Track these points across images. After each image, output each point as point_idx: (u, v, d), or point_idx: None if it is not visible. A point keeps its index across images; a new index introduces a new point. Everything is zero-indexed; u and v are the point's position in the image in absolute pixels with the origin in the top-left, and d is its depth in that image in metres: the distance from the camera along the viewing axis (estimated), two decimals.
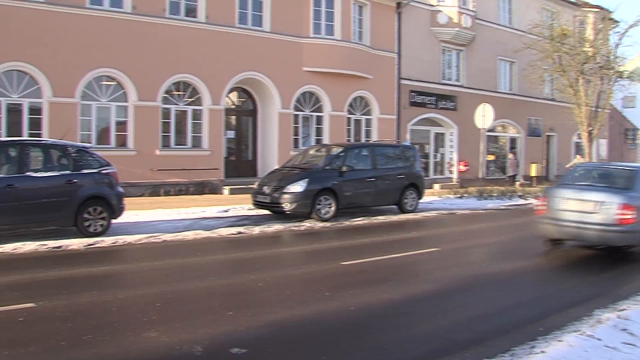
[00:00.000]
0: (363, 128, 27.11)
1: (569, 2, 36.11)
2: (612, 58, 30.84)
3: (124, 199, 13.13)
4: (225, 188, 21.54)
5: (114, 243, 11.66)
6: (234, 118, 24.04)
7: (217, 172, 21.70)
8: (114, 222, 12.88)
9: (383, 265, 10.38)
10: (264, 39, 22.88)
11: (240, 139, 24.31)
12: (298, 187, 15.54)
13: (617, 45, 30.90)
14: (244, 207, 17.26)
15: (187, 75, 21.02)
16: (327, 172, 16.25)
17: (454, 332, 6.69)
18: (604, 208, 10.97)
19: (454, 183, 29.54)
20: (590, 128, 30.25)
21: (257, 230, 13.80)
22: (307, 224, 15.10)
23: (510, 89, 34.09)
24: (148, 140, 20.10)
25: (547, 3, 35.29)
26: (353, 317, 7.11)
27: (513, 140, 34.85)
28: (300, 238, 13.70)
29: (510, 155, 32.09)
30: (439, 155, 30.83)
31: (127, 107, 19.89)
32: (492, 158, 33.39)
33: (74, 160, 12.27)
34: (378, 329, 6.71)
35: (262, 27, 23.00)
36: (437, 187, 27.98)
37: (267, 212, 16.50)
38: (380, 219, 16.54)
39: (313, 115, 25.15)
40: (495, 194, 24.21)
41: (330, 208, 15.87)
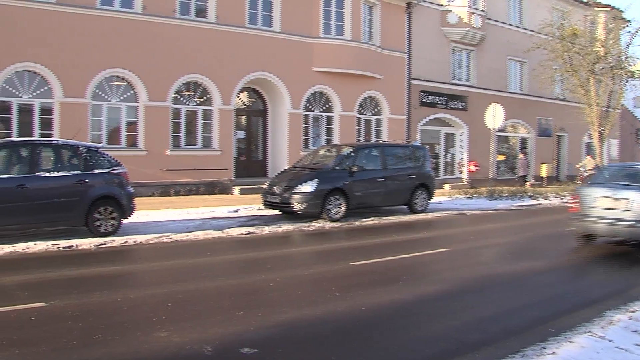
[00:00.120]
0: (373, 128, 27.09)
1: (580, 1, 35.97)
2: (623, 58, 30.67)
3: (135, 199, 13.16)
4: (236, 188, 21.57)
5: (125, 243, 11.68)
6: (244, 118, 24.06)
7: (227, 172, 21.73)
8: (125, 222, 12.90)
9: (393, 266, 10.35)
10: (274, 39, 22.90)
11: (251, 139, 24.32)
12: (308, 187, 15.53)
13: (628, 45, 30.79)
14: (254, 207, 17.27)
15: (197, 76, 21.06)
16: (337, 172, 16.22)
17: (465, 332, 6.66)
18: (635, 205, 11.46)
19: (464, 183, 29.46)
20: (601, 128, 30.11)
21: (267, 231, 13.80)
22: (317, 224, 15.08)
23: (521, 89, 33.97)
24: (158, 141, 20.15)
25: (557, 2, 35.16)
26: (363, 317, 7.09)
27: (523, 141, 34.71)
28: (311, 238, 13.69)
29: (521, 156, 31.94)
30: (449, 156, 30.76)
31: (137, 107, 19.95)
32: (502, 158, 33.29)
33: (85, 160, 12.31)
34: (388, 330, 6.69)
35: (272, 27, 23.01)
36: (447, 187, 27.93)
37: (277, 212, 16.51)
38: (391, 219, 16.50)
39: (323, 116, 25.15)
40: (506, 195, 24.12)
41: (341, 208, 15.85)
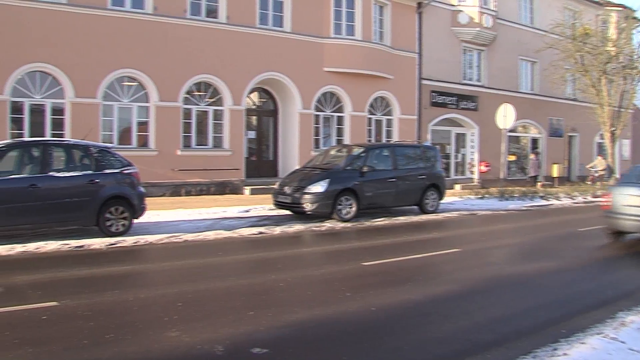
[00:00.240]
0: (384, 128, 27.07)
1: (592, 1, 35.81)
2: (635, 57, 30.59)
3: (146, 199, 13.19)
4: (246, 188, 21.60)
5: (136, 243, 11.71)
6: (255, 118, 24.09)
7: (238, 172, 21.77)
8: (136, 222, 12.93)
9: (404, 266, 10.33)
10: (285, 40, 22.92)
11: (261, 139, 24.35)
12: (319, 187, 15.52)
13: None
14: (265, 207, 17.28)
15: (208, 76, 21.10)
16: (348, 172, 16.20)
17: (476, 333, 6.64)
18: None
19: (475, 184, 29.40)
20: (613, 128, 30.00)
21: (278, 231, 13.81)
22: (328, 225, 15.08)
23: (532, 89, 33.87)
24: (169, 141, 20.21)
25: (569, 2, 35.01)
26: (374, 317, 7.08)
27: (534, 141, 34.60)
28: (321, 238, 13.67)
29: (532, 156, 31.84)
30: (460, 156, 30.71)
31: (148, 107, 20.02)
32: (513, 158, 33.21)
33: (96, 160, 12.34)
34: (399, 330, 6.68)
35: (282, 27, 23.03)
36: (458, 187, 27.88)
37: (288, 212, 16.51)
38: (401, 220, 16.48)
39: (334, 116, 25.14)
40: (517, 195, 24.01)
41: (351, 208, 15.83)
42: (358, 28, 24.74)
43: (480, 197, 23.38)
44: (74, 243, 11.27)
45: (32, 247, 10.81)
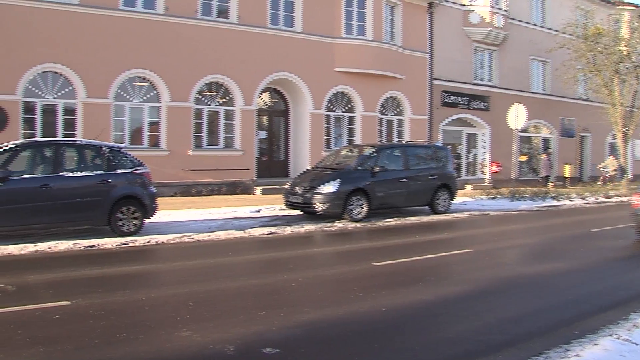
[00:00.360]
0: (395, 128, 27.03)
1: (604, 0, 35.62)
2: None
3: (157, 199, 13.21)
4: (257, 188, 21.61)
5: (147, 242, 11.75)
6: (266, 118, 24.11)
7: (249, 172, 21.79)
8: (147, 221, 12.97)
9: (415, 266, 10.32)
10: (296, 40, 22.92)
11: (272, 139, 24.37)
12: (330, 187, 15.51)
13: None
14: (276, 207, 17.29)
15: (219, 76, 21.13)
16: (359, 172, 16.19)
17: (487, 334, 6.62)
18: None
19: (486, 184, 29.31)
20: (625, 128, 29.81)
21: (289, 231, 13.81)
22: (339, 225, 15.07)
23: (544, 89, 33.73)
24: (180, 141, 20.24)
25: (581, 2, 34.86)
26: (385, 318, 7.06)
27: (546, 141, 34.47)
28: (332, 238, 13.66)
29: (544, 156, 31.68)
30: (471, 156, 30.61)
31: (159, 107, 20.07)
32: (524, 159, 33.08)
33: (108, 160, 12.38)
34: (410, 330, 6.67)
35: (293, 27, 23.04)
36: (469, 188, 27.83)
37: (299, 212, 16.51)
38: (412, 220, 16.45)
39: (345, 116, 25.13)
40: (528, 195, 23.93)
41: (363, 209, 15.81)
42: (369, 28, 24.72)
43: (492, 197, 23.32)
44: (86, 243, 11.30)
45: (44, 246, 10.85)
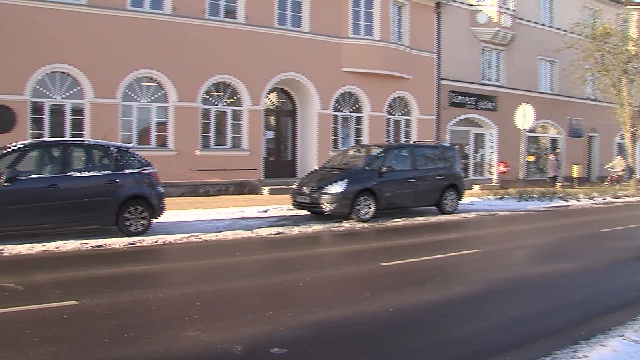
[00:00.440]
0: (402, 129, 27.00)
1: None
2: None
3: (165, 199, 13.23)
4: (265, 188, 21.63)
5: (155, 242, 11.76)
6: (274, 118, 24.13)
7: (256, 172, 21.80)
8: (155, 221, 12.99)
9: (423, 267, 10.30)
10: (303, 40, 22.93)
11: (280, 140, 24.38)
12: (338, 187, 15.51)
13: None
14: (284, 207, 17.30)
15: (226, 76, 21.16)
16: (366, 172, 16.18)
17: (495, 334, 6.59)
18: None
19: (494, 184, 29.25)
20: (634, 128, 29.68)
21: (296, 231, 13.80)
22: (346, 225, 15.05)
23: (551, 89, 33.64)
24: (188, 141, 20.28)
25: (589, 1, 34.75)
26: (393, 318, 7.04)
27: (554, 141, 34.36)
28: (340, 239, 13.65)
29: (551, 156, 31.57)
30: (479, 156, 30.56)
31: (167, 107, 20.11)
32: (532, 159, 33.00)
33: (116, 160, 12.41)
34: (418, 331, 6.65)
35: (301, 27, 23.05)
36: (476, 188, 27.78)
37: (306, 212, 16.50)
38: (420, 220, 16.42)
39: (352, 116, 25.12)
40: (536, 195, 23.87)
41: (370, 209, 15.80)
42: (376, 28, 24.70)
43: (499, 197, 23.26)
44: (94, 242, 11.33)
45: (52, 246, 10.88)
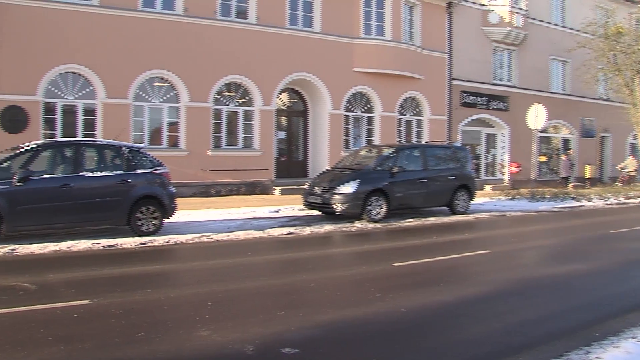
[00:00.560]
0: (414, 129, 26.94)
1: None
2: None
3: (176, 199, 13.26)
4: (276, 188, 21.64)
5: (166, 242, 11.78)
6: (285, 119, 24.14)
7: (268, 172, 21.82)
8: (166, 221, 13.02)
9: (434, 267, 10.28)
10: (315, 40, 22.92)
11: (291, 140, 24.39)
12: (349, 187, 15.49)
13: None
14: (295, 207, 17.29)
15: (238, 77, 21.19)
16: (378, 173, 16.16)
17: (507, 335, 6.57)
18: None
19: (506, 184, 29.10)
20: None
21: (308, 231, 13.80)
22: (358, 225, 15.03)
23: (563, 89, 33.45)
24: (200, 141, 20.32)
25: (601, 0, 34.49)
26: (404, 318, 7.03)
27: (566, 141, 34.19)
28: (351, 239, 13.64)
29: (563, 157, 31.38)
30: (491, 157, 30.45)
31: (179, 107, 20.16)
32: (544, 159, 32.86)
33: (127, 161, 12.45)
34: (430, 331, 6.64)
35: (312, 28, 23.05)
36: (488, 188, 27.67)
37: (318, 212, 16.48)
38: (431, 220, 16.38)
39: (364, 116, 25.10)
40: (548, 196, 23.70)
41: (381, 209, 15.77)
42: (388, 28, 24.67)
43: (511, 198, 23.15)
44: (106, 242, 11.36)
45: (64, 246, 10.92)
